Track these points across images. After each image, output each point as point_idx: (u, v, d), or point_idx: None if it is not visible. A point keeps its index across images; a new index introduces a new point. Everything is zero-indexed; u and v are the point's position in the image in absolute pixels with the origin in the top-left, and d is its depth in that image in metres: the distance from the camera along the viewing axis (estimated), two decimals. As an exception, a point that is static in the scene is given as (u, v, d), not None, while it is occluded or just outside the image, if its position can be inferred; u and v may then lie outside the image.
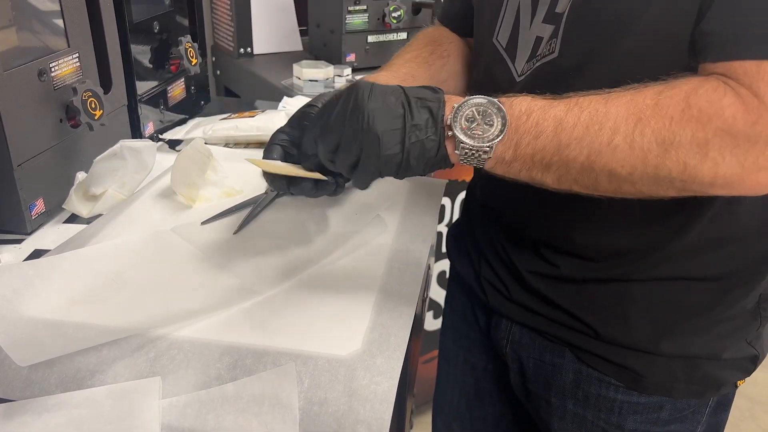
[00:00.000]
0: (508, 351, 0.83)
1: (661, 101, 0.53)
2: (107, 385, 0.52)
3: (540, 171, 0.57)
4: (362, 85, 0.57)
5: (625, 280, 0.70)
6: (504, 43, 0.72)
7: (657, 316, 0.70)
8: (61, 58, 0.78)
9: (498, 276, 0.81)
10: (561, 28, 0.64)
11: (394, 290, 0.65)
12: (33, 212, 0.76)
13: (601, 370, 0.73)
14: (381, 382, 0.53)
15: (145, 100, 0.99)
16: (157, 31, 1.00)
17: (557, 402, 0.78)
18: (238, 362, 0.54)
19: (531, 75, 0.68)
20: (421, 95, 0.57)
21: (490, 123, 0.56)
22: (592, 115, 0.54)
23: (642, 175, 0.54)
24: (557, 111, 0.55)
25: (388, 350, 0.56)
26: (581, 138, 0.54)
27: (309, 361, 0.54)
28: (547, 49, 0.66)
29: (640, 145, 0.53)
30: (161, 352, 0.55)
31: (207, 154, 0.81)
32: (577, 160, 0.55)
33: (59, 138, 0.79)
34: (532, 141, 0.55)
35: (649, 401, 0.73)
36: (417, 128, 0.56)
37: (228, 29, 1.65)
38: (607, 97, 0.55)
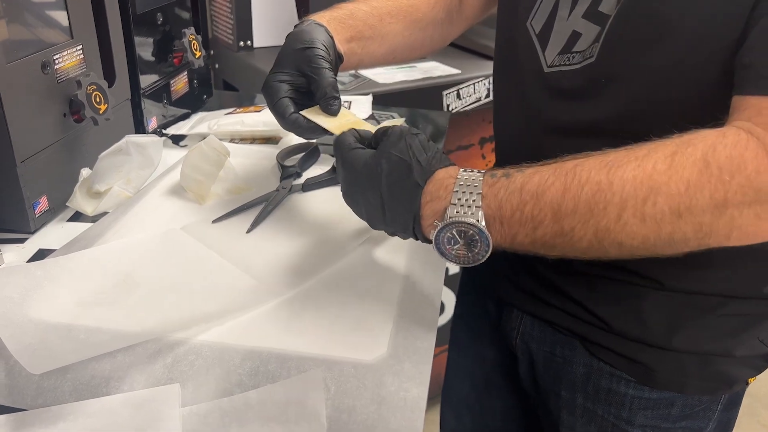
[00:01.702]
0: (518, 343, 0.82)
1: (675, 164, 0.50)
2: (123, 392, 0.50)
3: (543, 251, 0.55)
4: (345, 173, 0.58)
5: (638, 284, 0.69)
6: (537, 30, 0.70)
7: (670, 310, 0.69)
8: (64, 49, 0.76)
9: (510, 265, 0.80)
10: (604, 32, 0.61)
11: (416, 290, 0.63)
12: (36, 210, 0.74)
13: (613, 363, 0.72)
14: (410, 389, 0.51)
15: (148, 94, 0.96)
16: (161, 23, 0.98)
17: (567, 395, 0.77)
18: (260, 368, 0.52)
19: (568, 75, 0.65)
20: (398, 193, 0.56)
21: (474, 245, 0.54)
22: (594, 191, 0.51)
23: (655, 242, 0.51)
24: (552, 195, 0.52)
25: (416, 354, 0.55)
26: (585, 221, 0.51)
27: (334, 367, 0.52)
28: (589, 52, 0.63)
29: (652, 216, 0.50)
30: (179, 357, 0.53)
31: (224, 152, 0.78)
32: (584, 240, 0.52)
33: (62, 133, 0.77)
34: (530, 233, 0.53)
35: (661, 397, 0.72)
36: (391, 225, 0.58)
37: (227, 22, 1.62)
38: (609, 164, 0.51)
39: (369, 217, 0.59)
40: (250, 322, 0.57)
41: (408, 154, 0.56)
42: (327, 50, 0.72)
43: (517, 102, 0.74)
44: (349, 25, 0.79)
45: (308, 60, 0.70)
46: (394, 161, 0.56)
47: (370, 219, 0.59)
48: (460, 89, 1.48)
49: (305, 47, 0.71)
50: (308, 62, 0.70)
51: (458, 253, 0.55)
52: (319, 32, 0.73)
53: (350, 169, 0.58)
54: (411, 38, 0.86)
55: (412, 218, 0.56)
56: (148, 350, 0.53)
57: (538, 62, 0.69)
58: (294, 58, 0.71)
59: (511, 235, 0.54)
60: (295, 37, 0.73)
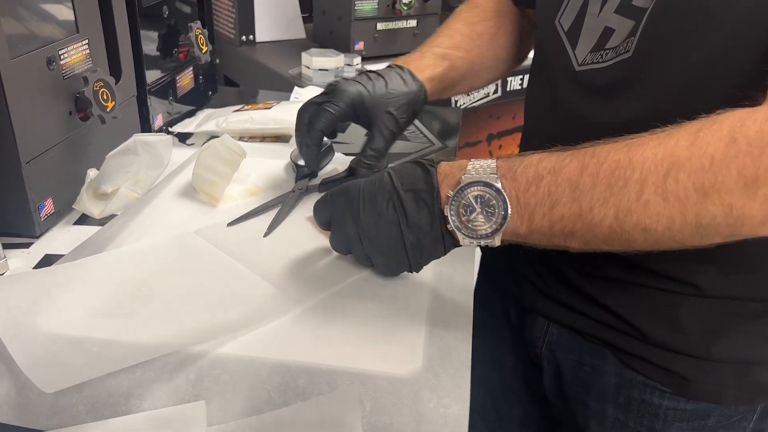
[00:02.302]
0: (544, 351, 0.79)
1: (699, 140, 0.47)
2: (145, 410, 0.46)
3: (562, 239, 0.52)
4: (352, 192, 0.57)
5: (676, 292, 0.66)
6: (566, 27, 0.67)
7: (709, 318, 0.66)
8: (70, 44, 0.72)
9: (535, 270, 0.77)
10: (641, 26, 0.59)
11: (447, 297, 0.61)
12: (42, 213, 0.70)
13: (646, 374, 0.69)
14: (450, 405, 0.48)
15: (154, 91, 0.93)
16: (167, 17, 0.94)
17: (596, 406, 0.75)
18: (290, 383, 0.49)
19: (602, 72, 0.63)
20: (413, 185, 0.55)
21: (491, 212, 0.52)
22: (613, 168, 0.49)
23: (682, 226, 0.48)
24: (571, 172, 0.50)
25: (452, 367, 0.52)
26: (605, 199, 0.49)
27: (368, 381, 0.49)
28: (624, 47, 0.61)
29: (675, 194, 0.47)
30: (203, 372, 0.50)
31: (239, 152, 0.75)
32: (604, 223, 0.49)
33: (68, 132, 0.73)
34: (548, 212, 0.51)
35: (697, 408, 0.69)
36: (414, 230, 0.55)
37: (229, 16, 1.58)
38: (629, 144, 0.49)
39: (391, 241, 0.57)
40: (274, 332, 0.54)
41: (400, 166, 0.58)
42: (406, 122, 0.76)
43: (548, 101, 0.72)
44: (445, 79, 0.81)
45: (384, 123, 0.74)
46: (397, 167, 0.58)
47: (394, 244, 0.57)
48: (469, 86, 1.45)
49: (390, 113, 0.74)
50: (383, 124, 0.74)
51: (475, 225, 0.53)
52: (415, 103, 0.76)
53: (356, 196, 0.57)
54: (490, 72, 0.89)
55: (433, 198, 0.54)
56: (169, 364, 0.50)
57: (569, 61, 0.67)
58: (377, 106, 0.73)
59: (528, 213, 0.52)
60: (395, 86, 0.75)
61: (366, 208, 0.56)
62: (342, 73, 1.33)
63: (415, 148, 0.99)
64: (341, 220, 0.59)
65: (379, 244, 0.57)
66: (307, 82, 1.33)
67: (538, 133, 0.76)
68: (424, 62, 0.80)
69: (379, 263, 0.60)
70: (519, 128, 1.63)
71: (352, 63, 1.35)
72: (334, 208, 0.59)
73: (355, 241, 0.58)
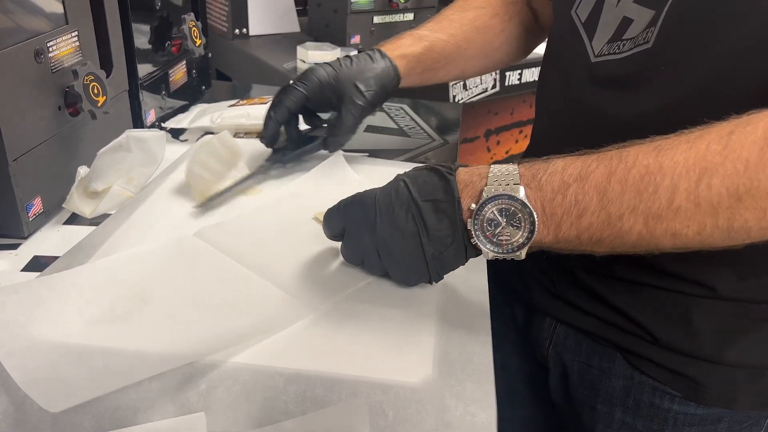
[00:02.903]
0: (551, 353, 0.77)
1: (732, 143, 0.45)
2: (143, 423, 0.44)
3: (588, 246, 0.51)
4: (367, 202, 0.55)
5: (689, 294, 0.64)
6: (583, 18, 0.65)
7: (723, 321, 0.64)
8: (59, 36, 0.69)
9: (543, 271, 0.75)
10: (662, 15, 0.56)
11: (462, 298, 0.59)
12: (30, 213, 0.67)
13: (657, 377, 0.68)
14: (477, 413, 0.46)
15: (146, 86, 0.90)
16: (159, 8, 0.91)
17: (604, 409, 0.73)
18: (307, 393, 0.46)
19: (618, 63, 0.61)
20: (433, 195, 0.52)
21: (517, 224, 0.50)
22: (642, 174, 0.47)
23: (713, 231, 0.47)
24: (598, 178, 0.48)
25: (475, 373, 0.50)
26: (635, 206, 0.47)
27: (389, 390, 0.47)
28: (642, 38, 0.58)
29: (707, 199, 0.45)
30: (214, 383, 0.47)
31: (236, 152, 0.72)
32: (633, 230, 0.48)
33: (57, 128, 0.70)
34: (575, 221, 0.49)
35: (708, 413, 0.68)
36: (435, 242, 0.53)
37: (222, 9, 1.55)
38: (658, 147, 0.47)
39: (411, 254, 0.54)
40: (286, 340, 0.51)
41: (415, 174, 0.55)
42: (375, 97, 0.76)
43: (562, 93, 0.70)
44: (424, 60, 0.81)
45: (351, 99, 0.75)
46: (412, 174, 0.55)
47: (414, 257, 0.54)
48: (467, 80, 1.43)
49: (358, 87, 0.75)
50: (350, 100, 0.75)
51: (501, 239, 0.51)
52: (385, 79, 0.77)
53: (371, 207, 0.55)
54: (483, 60, 0.87)
55: (454, 209, 0.52)
56: (178, 376, 0.47)
57: (585, 52, 0.64)
58: (344, 84, 0.75)
59: (555, 223, 0.50)
60: (363, 66, 0.76)
61: (383, 220, 0.54)
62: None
63: (416, 144, 0.97)
64: (357, 232, 0.56)
65: (398, 258, 0.55)
66: (303, 77, 1.30)
67: (551, 127, 0.74)
68: (400, 42, 0.80)
69: (396, 276, 0.58)
70: (517, 124, 1.61)
71: (349, 57, 1.32)
72: (348, 219, 0.57)
73: (371, 254, 0.56)
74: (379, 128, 1.03)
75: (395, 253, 0.54)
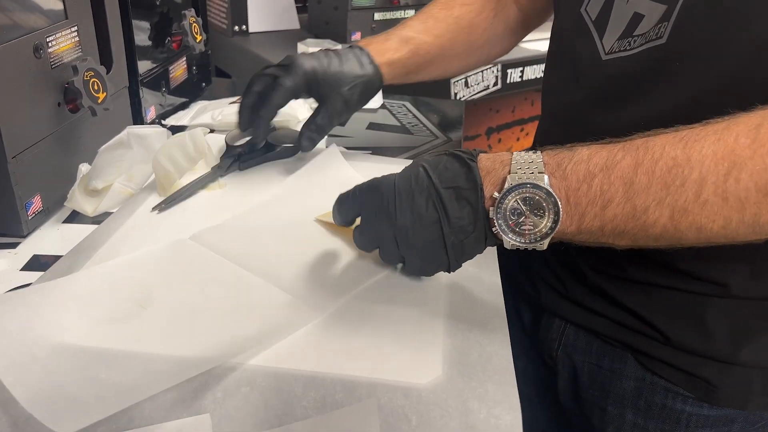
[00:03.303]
0: (560, 354, 0.76)
1: (760, 136, 0.44)
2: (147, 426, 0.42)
3: (611, 238, 0.50)
4: (385, 189, 0.53)
5: (703, 294, 0.63)
6: (594, 16, 0.64)
7: (737, 321, 0.63)
8: (58, 31, 0.67)
9: (553, 270, 0.74)
10: (676, 10, 0.55)
11: (476, 297, 0.57)
12: (30, 211, 0.65)
13: (669, 378, 0.67)
14: (501, 415, 0.45)
15: (146, 82, 0.88)
16: (159, 4, 0.89)
17: (614, 411, 0.72)
18: (327, 398, 0.45)
19: (629, 60, 0.60)
20: (454, 182, 0.51)
21: (541, 214, 0.49)
22: (669, 167, 0.46)
23: (738, 225, 0.46)
24: (624, 169, 0.47)
25: (496, 374, 0.49)
26: (661, 199, 0.46)
27: (411, 393, 0.46)
28: (654, 33, 0.57)
29: (735, 194, 0.44)
30: (230, 390, 0.45)
31: (201, 151, 0.73)
32: (658, 223, 0.47)
33: (57, 125, 0.69)
34: (599, 212, 0.48)
35: (721, 414, 0.67)
36: (456, 231, 0.51)
37: (221, 5, 1.53)
38: (685, 138, 0.46)
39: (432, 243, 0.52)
40: (301, 343, 0.50)
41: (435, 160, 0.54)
42: (356, 104, 0.76)
43: (570, 92, 0.68)
44: (409, 64, 0.79)
45: (331, 100, 0.74)
46: (433, 161, 0.53)
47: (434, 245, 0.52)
48: (468, 77, 1.42)
49: (341, 92, 0.74)
50: (329, 100, 0.74)
51: (523, 229, 0.50)
52: (368, 86, 0.76)
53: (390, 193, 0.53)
54: (466, 59, 0.86)
55: (477, 197, 0.50)
56: (193, 384, 0.45)
57: (595, 50, 0.63)
58: (329, 83, 0.74)
59: (578, 214, 0.49)
60: (349, 67, 0.75)
61: (403, 207, 0.52)
62: (339, 65, 1.29)
63: (419, 142, 0.96)
64: (373, 219, 0.55)
65: (419, 246, 0.53)
66: (304, 74, 1.28)
67: (558, 126, 0.73)
68: (387, 45, 0.78)
69: (414, 264, 0.56)
70: (519, 122, 1.60)
71: (350, 54, 1.31)
72: (364, 206, 0.55)
73: (389, 242, 0.54)
74: (382, 126, 1.01)
75: (415, 241, 0.53)
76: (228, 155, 0.79)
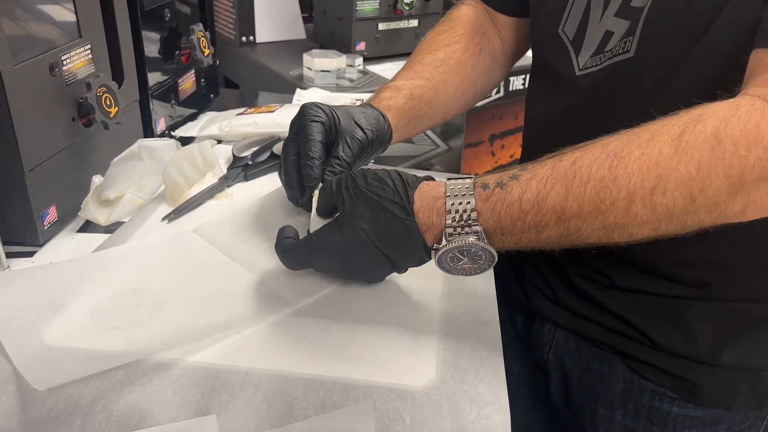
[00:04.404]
0: (551, 357, 0.79)
1: (683, 145, 0.47)
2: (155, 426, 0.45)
3: (549, 249, 0.54)
4: (333, 251, 0.56)
5: (686, 298, 0.66)
6: (571, 36, 0.67)
7: (720, 325, 0.66)
8: (72, 49, 0.71)
9: (544, 278, 0.77)
10: (639, 25, 0.59)
11: (470, 303, 0.61)
12: (45, 221, 0.69)
13: (656, 380, 0.69)
14: (491, 415, 0.48)
15: (156, 95, 0.92)
16: (168, 19, 0.93)
17: (604, 413, 0.74)
18: (326, 399, 0.48)
19: (599, 74, 0.63)
20: (397, 247, 0.54)
21: (478, 258, 0.53)
22: (598, 189, 0.48)
23: (667, 228, 0.49)
24: (554, 199, 0.49)
25: (487, 377, 0.52)
26: (592, 219, 0.49)
27: (406, 395, 0.49)
28: (621, 48, 0.60)
29: (663, 204, 0.47)
30: (235, 392, 0.49)
31: (209, 163, 0.77)
32: (592, 236, 0.50)
33: (71, 139, 0.72)
34: (535, 237, 0.51)
35: (706, 414, 0.69)
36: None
37: (229, 17, 1.57)
38: (611, 155, 0.48)
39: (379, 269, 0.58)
40: (302, 347, 0.53)
41: (374, 201, 0.54)
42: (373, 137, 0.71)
43: (550, 106, 0.72)
44: (408, 109, 0.77)
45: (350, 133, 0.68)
46: (370, 220, 0.54)
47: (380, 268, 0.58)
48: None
49: (357, 123, 0.69)
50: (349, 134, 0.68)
51: (464, 267, 0.54)
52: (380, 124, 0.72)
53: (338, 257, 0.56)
54: (462, 98, 0.85)
55: (422, 249, 0.54)
56: (200, 387, 0.49)
57: (571, 66, 0.67)
58: (343, 120, 0.69)
59: (514, 241, 0.52)
60: (358, 109, 0.72)
61: (353, 267, 0.58)
62: (344, 74, 1.33)
63: (420, 151, 0.99)
64: (325, 269, 0.60)
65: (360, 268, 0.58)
66: (309, 84, 1.32)
67: (540, 139, 0.76)
68: (380, 96, 0.76)
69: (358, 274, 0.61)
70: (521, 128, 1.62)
71: (354, 64, 1.34)
72: (315, 264, 0.59)
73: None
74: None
75: (366, 278, 0.60)
76: (234, 166, 0.82)
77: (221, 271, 0.62)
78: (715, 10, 0.54)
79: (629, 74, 0.61)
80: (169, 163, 0.74)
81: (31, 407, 0.46)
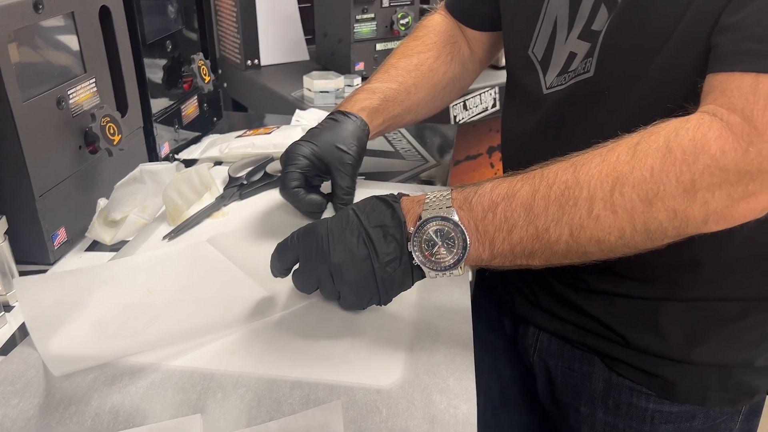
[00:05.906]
0: (536, 359, 0.82)
1: (638, 153, 0.51)
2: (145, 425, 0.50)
3: (524, 259, 0.56)
4: (320, 231, 0.59)
5: (656, 298, 0.69)
6: (539, 57, 0.72)
7: (689, 324, 0.69)
8: (78, 84, 0.77)
9: (526, 283, 0.80)
10: (597, 47, 0.63)
11: (447, 306, 0.65)
12: (56, 242, 0.75)
13: (632, 378, 0.72)
14: (459, 405, 0.53)
15: (160, 120, 0.98)
16: (170, 50, 0.99)
17: (587, 411, 0.78)
18: (310, 396, 0.53)
19: (564, 92, 0.68)
20: (381, 221, 0.58)
21: (451, 244, 0.55)
22: (562, 189, 0.53)
23: (632, 234, 0.52)
24: (523, 196, 0.54)
25: (458, 371, 0.56)
26: (558, 219, 0.53)
27: (383, 390, 0.54)
28: (582, 68, 0.65)
29: (622, 206, 0.51)
30: (228, 392, 0.54)
31: (206, 184, 0.84)
32: (561, 241, 0.53)
33: (78, 165, 0.78)
34: (507, 236, 0.55)
35: (682, 410, 0.72)
36: (384, 265, 0.57)
37: (234, 41, 1.64)
38: (575, 164, 0.53)
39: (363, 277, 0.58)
40: (289, 351, 0.59)
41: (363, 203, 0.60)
42: (359, 152, 0.78)
43: (521, 123, 0.76)
44: (383, 110, 0.84)
45: (340, 161, 0.76)
46: (361, 204, 0.60)
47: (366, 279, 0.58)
48: (467, 100, 1.49)
49: (340, 149, 0.77)
50: (339, 162, 0.76)
51: (438, 258, 0.56)
52: (359, 133, 0.79)
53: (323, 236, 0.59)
54: (433, 102, 0.91)
55: (402, 233, 0.57)
56: (198, 388, 0.54)
57: (539, 86, 0.71)
58: (328, 151, 0.77)
59: (488, 240, 0.55)
60: (335, 129, 0.78)
61: (336, 246, 0.57)
62: (342, 94, 1.38)
63: (410, 166, 1.03)
64: (309, 262, 0.60)
65: (351, 281, 0.58)
66: (309, 104, 1.37)
67: (515, 152, 0.80)
68: (356, 98, 0.83)
69: (349, 298, 0.60)
70: (519, 140, 1.65)
71: (353, 83, 1.40)
72: (301, 250, 0.60)
73: (326, 279, 0.59)
74: (376, 152, 1.09)
75: (349, 278, 0.58)
76: (230, 186, 0.87)
77: (225, 276, 0.69)
78: (665, 35, 0.57)
79: (590, 93, 0.65)
80: (168, 186, 0.80)
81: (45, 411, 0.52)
